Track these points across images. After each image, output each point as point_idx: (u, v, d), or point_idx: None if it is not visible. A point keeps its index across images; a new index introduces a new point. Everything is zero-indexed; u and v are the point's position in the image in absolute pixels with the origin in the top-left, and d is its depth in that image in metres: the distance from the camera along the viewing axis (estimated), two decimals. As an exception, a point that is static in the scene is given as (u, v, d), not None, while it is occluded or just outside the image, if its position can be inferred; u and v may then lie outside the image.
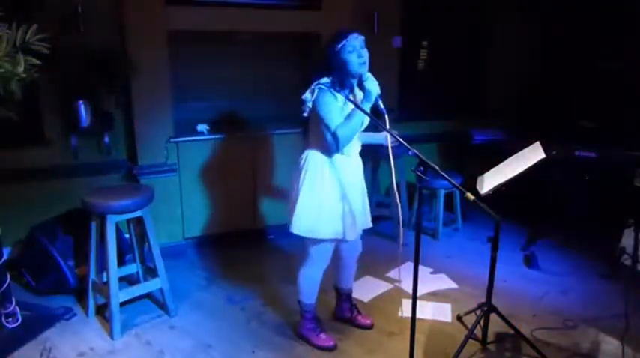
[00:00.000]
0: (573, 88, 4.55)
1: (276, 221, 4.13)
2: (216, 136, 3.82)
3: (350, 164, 2.48)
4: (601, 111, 4.20)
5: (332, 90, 2.29)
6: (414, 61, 4.86)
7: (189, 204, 3.82)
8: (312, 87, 2.32)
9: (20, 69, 2.42)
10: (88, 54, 3.31)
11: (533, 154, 2.56)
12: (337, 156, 2.41)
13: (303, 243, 2.56)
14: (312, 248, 2.53)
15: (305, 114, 2.37)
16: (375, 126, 2.31)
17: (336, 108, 2.30)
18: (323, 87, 2.29)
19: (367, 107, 2.24)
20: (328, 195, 2.40)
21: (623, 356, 2.55)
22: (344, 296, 2.89)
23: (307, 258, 2.57)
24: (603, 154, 3.68)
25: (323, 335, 2.69)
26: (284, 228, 4.11)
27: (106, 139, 3.61)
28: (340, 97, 2.31)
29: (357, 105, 2.24)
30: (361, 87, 2.30)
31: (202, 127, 3.81)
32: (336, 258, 2.68)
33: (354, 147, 2.48)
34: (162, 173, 3.66)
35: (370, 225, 2.64)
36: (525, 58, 4.97)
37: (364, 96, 2.25)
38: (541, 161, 2.49)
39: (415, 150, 2.01)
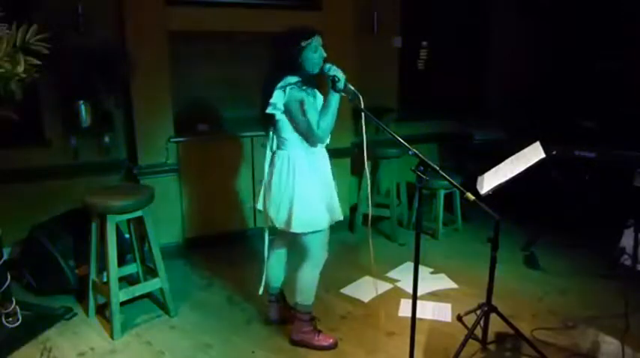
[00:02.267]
0: (573, 88, 4.55)
1: (276, 221, 4.13)
2: (216, 136, 3.82)
3: (323, 154, 2.53)
4: (601, 111, 4.20)
5: (303, 87, 2.34)
6: (414, 61, 4.86)
7: (189, 204, 3.82)
8: (282, 87, 2.34)
9: (20, 69, 2.42)
10: (88, 54, 3.31)
11: (533, 154, 2.56)
12: (311, 149, 2.44)
13: (300, 245, 2.56)
14: (312, 243, 2.53)
15: (277, 117, 2.40)
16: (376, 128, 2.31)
17: (313, 105, 2.35)
18: (294, 86, 2.33)
19: (339, 94, 2.30)
20: (312, 188, 2.44)
21: (623, 356, 2.55)
22: (281, 296, 2.91)
23: (308, 256, 2.57)
24: (603, 154, 3.68)
25: (321, 336, 2.69)
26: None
27: (106, 139, 3.61)
28: (311, 93, 2.36)
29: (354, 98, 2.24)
30: (327, 77, 2.32)
31: (202, 127, 3.81)
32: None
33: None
34: (162, 173, 3.66)
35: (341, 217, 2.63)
36: (525, 58, 4.97)
37: (334, 84, 2.28)
38: (541, 161, 2.49)
39: (415, 150, 2.01)
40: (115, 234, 2.74)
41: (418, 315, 2.39)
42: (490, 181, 2.57)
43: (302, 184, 2.42)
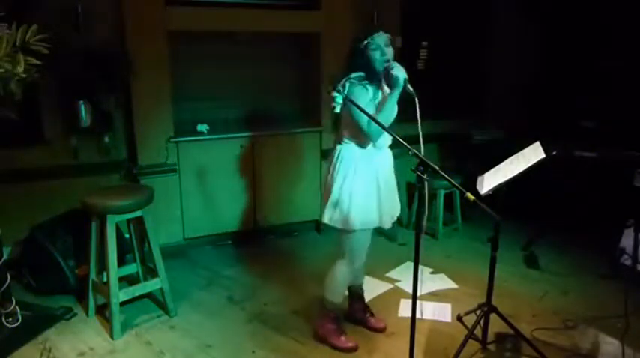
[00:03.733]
0: (573, 88, 4.54)
1: (276, 221, 4.13)
2: (216, 136, 3.82)
3: (380, 156, 2.50)
4: (601, 110, 4.20)
5: (362, 83, 2.34)
6: (414, 61, 4.86)
7: (189, 204, 3.82)
8: (343, 82, 2.35)
9: (20, 69, 2.42)
10: (88, 54, 3.31)
11: (533, 154, 2.56)
12: (369, 149, 2.44)
13: (338, 242, 2.57)
14: (348, 242, 2.52)
15: (337, 111, 2.38)
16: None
17: (366, 100, 2.34)
18: (353, 81, 2.34)
19: (397, 93, 2.32)
20: (360, 188, 2.42)
21: (623, 356, 2.55)
22: (356, 296, 2.88)
23: (344, 254, 2.56)
24: (603, 154, 3.68)
25: (343, 337, 2.68)
26: (284, 228, 4.15)
27: (106, 139, 3.61)
28: (371, 89, 2.37)
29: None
30: (388, 76, 2.34)
31: (202, 127, 3.81)
32: None
33: (384, 140, 2.49)
34: (162, 173, 3.66)
35: (398, 212, 2.65)
36: (525, 58, 4.97)
37: (393, 83, 2.31)
38: (541, 161, 2.49)
39: (415, 150, 2.01)
40: (115, 234, 2.74)
41: (418, 315, 2.39)
42: (490, 181, 2.57)
43: (345, 181, 2.43)
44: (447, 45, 4.91)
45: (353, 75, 2.36)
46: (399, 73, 2.28)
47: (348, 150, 2.46)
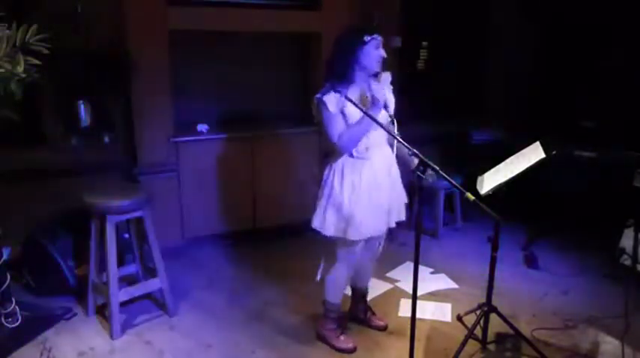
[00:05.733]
0: (573, 88, 4.55)
1: (275, 221, 4.13)
2: (216, 136, 3.82)
3: (369, 165, 2.43)
4: (601, 110, 4.20)
5: (328, 94, 2.30)
6: (414, 61, 4.86)
7: (189, 204, 3.82)
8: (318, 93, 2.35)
9: (20, 69, 2.42)
10: (88, 54, 3.31)
11: (533, 154, 2.56)
12: (351, 159, 2.41)
13: (331, 244, 2.57)
14: (339, 247, 2.53)
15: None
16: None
17: (332, 117, 2.32)
18: (320, 97, 2.32)
19: (376, 113, 2.28)
20: (346, 198, 2.40)
21: (623, 356, 2.55)
22: (359, 297, 2.89)
23: (335, 257, 2.57)
24: (603, 154, 3.68)
25: (342, 338, 2.68)
26: (283, 228, 4.15)
27: (106, 139, 3.61)
28: (336, 97, 2.30)
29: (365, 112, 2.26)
30: (374, 84, 2.33)
31: (202, 127, 3.81)
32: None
33: (373, 150, 2.44)
34: (162, 173, 3.66)
35: (402, 218, 2.62)
36: (525, 58, 4.97)
37: (372, 103, 2.30)
38: (541, 161, 2.49)
39: (415, 150, 2.02)
40: (115, 234, 2.74)
41: (418, 315, 2.39)
42: (490, 181, 2.57)
43: (333, 190, 2.42)
44: (447, 45, 4.91)
45: (328, 84, 2.33)
46: (380, 95, 2.27)
47: (336, 159, 2.44)
